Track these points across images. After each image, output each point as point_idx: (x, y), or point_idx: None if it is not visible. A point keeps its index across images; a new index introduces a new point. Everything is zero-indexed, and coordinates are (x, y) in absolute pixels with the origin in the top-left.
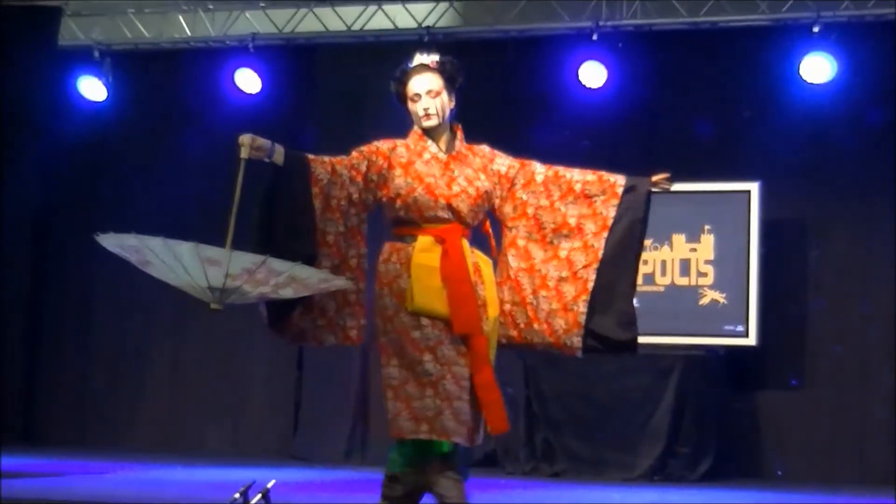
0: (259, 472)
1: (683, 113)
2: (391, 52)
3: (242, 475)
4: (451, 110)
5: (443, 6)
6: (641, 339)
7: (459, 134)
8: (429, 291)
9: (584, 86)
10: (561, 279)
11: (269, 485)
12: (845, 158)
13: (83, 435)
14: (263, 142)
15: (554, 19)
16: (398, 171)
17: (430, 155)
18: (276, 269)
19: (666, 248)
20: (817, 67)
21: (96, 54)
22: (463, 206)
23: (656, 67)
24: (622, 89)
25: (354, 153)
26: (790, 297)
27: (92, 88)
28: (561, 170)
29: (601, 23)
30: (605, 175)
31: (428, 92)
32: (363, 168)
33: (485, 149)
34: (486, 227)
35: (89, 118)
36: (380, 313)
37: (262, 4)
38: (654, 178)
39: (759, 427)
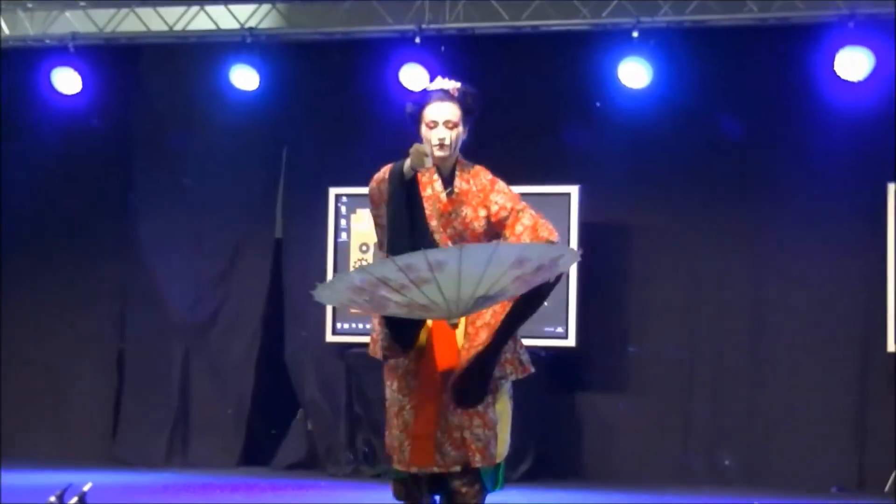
0: (77, 475)
1: (505, 116)
2: (214, 53)
3: (60, 478)
4: (463, 140)
5: (265, 7)
6: None
7: (460, 166)
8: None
9: (406, 88)
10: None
11: (86, 488)
12: (665, 162)
13: None
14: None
15: (377, 22)
16: None
17: (432, 192)
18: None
19: None
20: (636, 72)
21: None
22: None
23: (478, 71)
24: None
25: (379, 174)
26: (610, 300)
27: None
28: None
29: (424, 26)
30: None
31: (446, 122)
32: None
33: (483, 179)
34: None
35: None
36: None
37: (83, 4)
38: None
39: (579, 428)
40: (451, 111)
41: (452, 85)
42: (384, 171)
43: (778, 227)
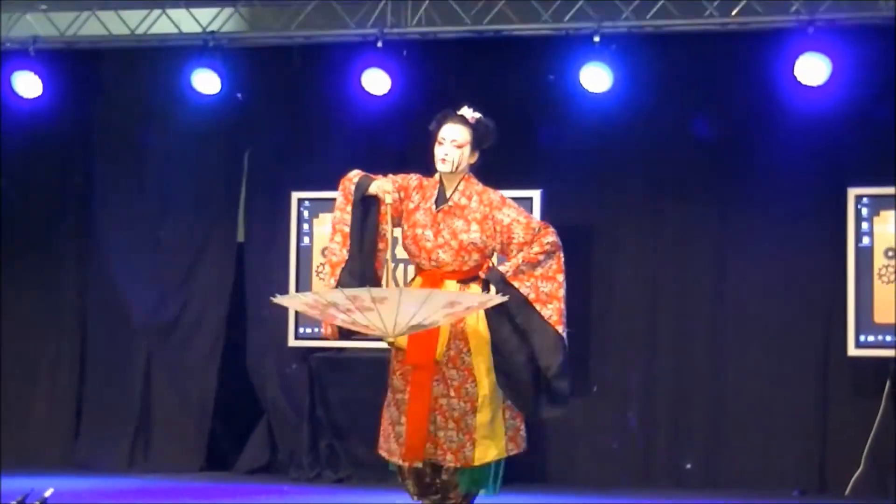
0: (38, 480)
1: None
2: (175, 57)
3: (21, 484)
4: (471, 164)
5: (227, 11)
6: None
7: (465, 184)
8: None
9: (368, 93)
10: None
11: (47, 493)
12: (626, 166)
13: None
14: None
15: (339, 26)
16: (405, 213)
17: (429, 204)
18: (439, 301)
19: None
20: (597, 77)
21: None
22: (445, 256)
23: (440, 75)
24: (405, 97)
25: (398, 180)
26: (572, 302)
27: None
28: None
29: (386, 30)
30: None
31: (452, 141)
32: (397, 198)
33: (493, 197)
34: (484, 269)
35: None
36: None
37: (44, 7)
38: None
39: (542, 432)
40: (460, 133)
41: (472, 114)
42: (357, 175)
43: (739, 230)
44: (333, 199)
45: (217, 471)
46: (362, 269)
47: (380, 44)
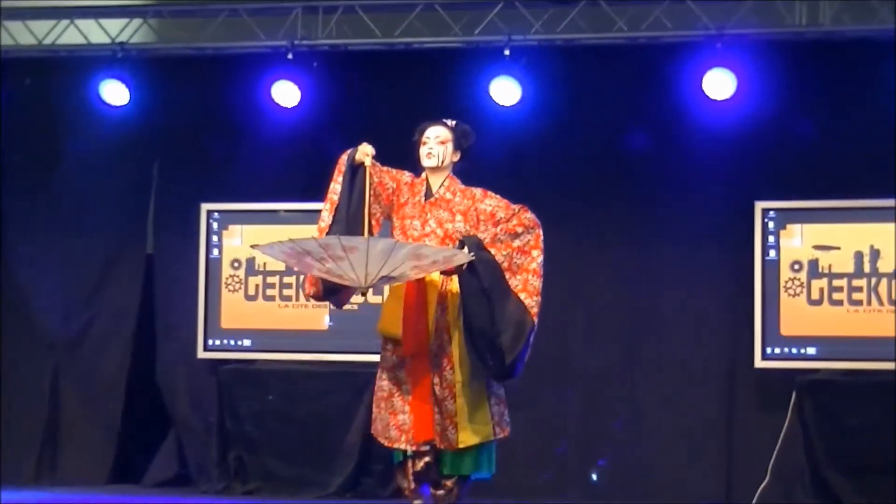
0: None
1: (377, 132)
2: (84, 68)
3: None
4: (454, 163)
5: (137, 22)
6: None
7: (449, 181)
8: (391, 316)
9: (278, 105)
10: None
11: None
12: (537, 178)
13: None
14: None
15: (250, 38)
16: (395, 206)
17: (417, 199)
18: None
19: None
20: (507, 90)
21: None
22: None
23: (351, 87)
24: (315, 109)
25: (394, 172)
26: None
27: None
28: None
29: (297, 42)
30: None
31: (436, 137)
32: (389, 186)
33: (475, 191)
34: None
35: None
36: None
37: None
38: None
39: None
40: (441, 131)
41: (450, 121)
42: (352, 150)
43: (647, 243)
44: (243, 211)
45: (125, 483)
46: (348, 231)
47: (290, 56)
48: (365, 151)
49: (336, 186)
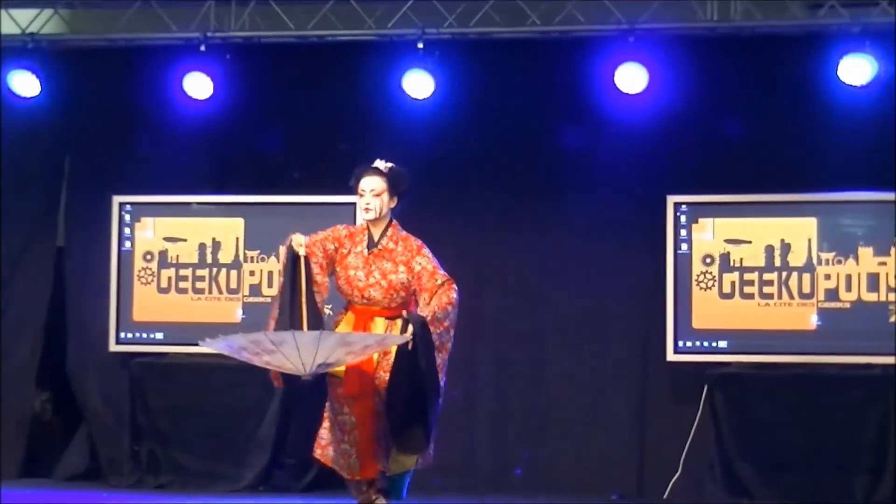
0: None
1: (289, 126)
2: None
3: None
4: (392, 209)
5: (48, 13)
6: None
7: (392, 230)
8: None
9: (190, 97)
10: None
11: None
12: (450, 169)
13: None
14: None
15: (162, 29)
16: (338, 259)
17: (360, 249)
18: (350, 340)
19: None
20: (420, 83)
21: None
22: (376, 294)
23: (263, 80)
24: (228, 101)
25: (329, 233)
26: None
27: None
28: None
29: (209, 34)
30: None
31: (371, 191)
32: (330, 249)
33: (414, 244)
34: (410, 307)
35: None
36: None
37: None
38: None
39: None
40: (377, 183)
41: (384, 165)
42: (288, 240)
43: (559, 236)
44: (155, 204)
45: (36, 477)
46: (291, 321)
47: (203, 47)
48: (298, 242)
49: (281, 279)
